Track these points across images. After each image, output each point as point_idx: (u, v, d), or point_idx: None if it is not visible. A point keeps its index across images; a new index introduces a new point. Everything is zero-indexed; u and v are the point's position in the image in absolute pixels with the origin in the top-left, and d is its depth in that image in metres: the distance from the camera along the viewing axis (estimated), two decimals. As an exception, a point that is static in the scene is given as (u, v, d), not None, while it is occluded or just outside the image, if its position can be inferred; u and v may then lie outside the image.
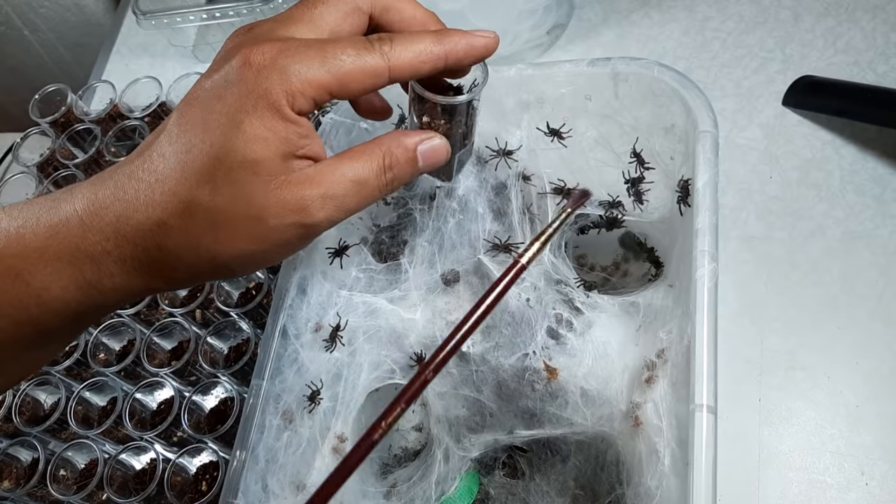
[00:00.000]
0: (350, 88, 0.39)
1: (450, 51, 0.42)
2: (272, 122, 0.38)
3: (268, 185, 0.38)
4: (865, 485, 0.59)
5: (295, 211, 0.39)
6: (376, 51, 0.39)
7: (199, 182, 0.38)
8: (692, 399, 0.44)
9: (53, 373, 0.74)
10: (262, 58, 0.38)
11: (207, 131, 0.38)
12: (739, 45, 0.82)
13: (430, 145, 0.44)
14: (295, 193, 0.39)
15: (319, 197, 0.39)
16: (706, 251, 0.48)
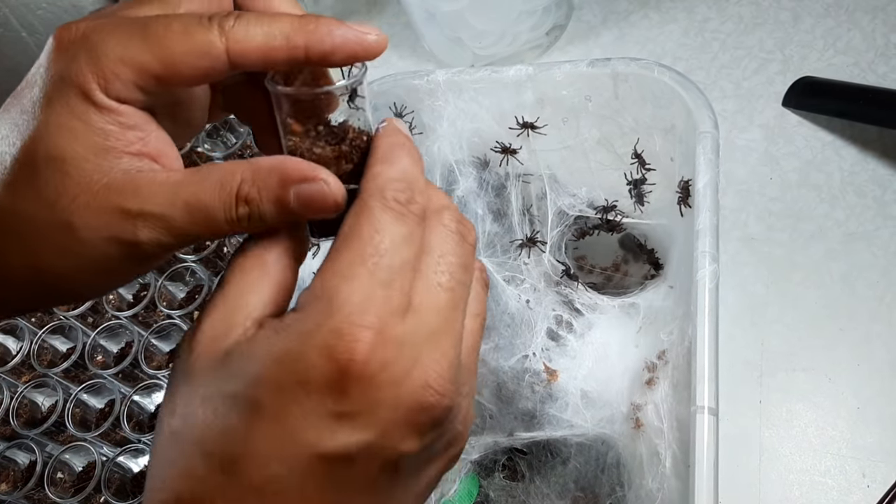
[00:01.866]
0: (180, 72, 0.31)
1: (312, 41, 0.33)
2: (81, 109, 0.31)
3: (78, 186, 0.31)
4: (867, 487, 0.58)
5: (109, 223, 0.31)
6: (213, 27, 0.32)
7: (3, 185, 0.32)
8: (693, 401, 0.44)
9: (51, 375, 0.73)
10: (72, 35, 0.32)
11: (14, 126, 0.33)
12: (739, 46, 0.82)
13: (315, 189, 0.32)
14: (111, 200, 0.31)
15: (140, 212, 0.31)
16: (707, 252, 0.48)
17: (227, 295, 0.32)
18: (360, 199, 0.31)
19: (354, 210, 0.31)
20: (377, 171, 0.32)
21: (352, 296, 0.29)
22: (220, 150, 0.83)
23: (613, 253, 0.70)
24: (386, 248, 0.30)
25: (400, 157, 0.33)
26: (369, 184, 0.31)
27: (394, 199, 0.31)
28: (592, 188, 0.62)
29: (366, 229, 0.30)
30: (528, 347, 0.56)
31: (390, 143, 0.33)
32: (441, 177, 0.62)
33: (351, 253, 0.30)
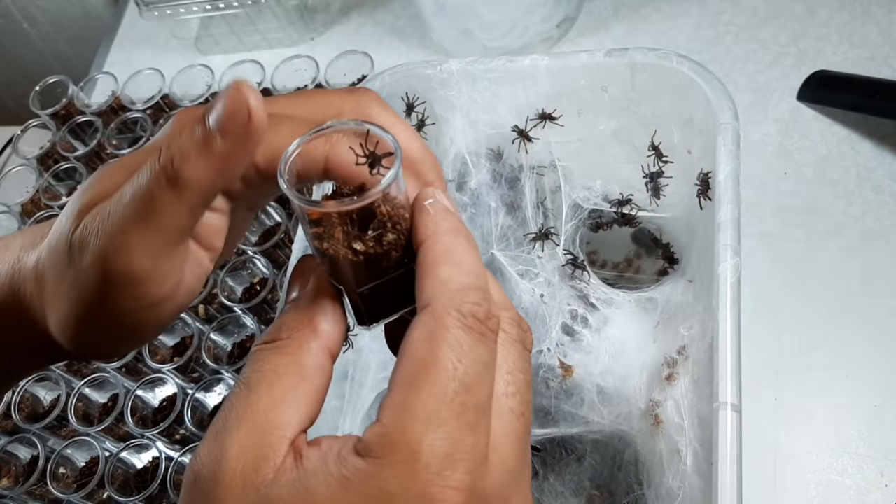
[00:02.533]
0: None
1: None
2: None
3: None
4: (885, 486, 0.57)
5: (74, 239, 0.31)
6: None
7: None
8: (716, 397, 0.43)
9: (53, 369, 0.72)
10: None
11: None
12: (753, 39, 0.81)
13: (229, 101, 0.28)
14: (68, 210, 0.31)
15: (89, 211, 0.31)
16: (729, 245, 0.47)
17: (256, 406, 0.27)
18: (433, 312, 0.27)
19: (427, 327, 0.27)
20: (446, 276, 0.28)
21: (438, 448, 0.25)
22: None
23: (626, 248, 0.69)
24: (470, 383, 0.26)
25: (465, 252, 0.29)
26: (440, 293, 0.28)
27: (472, 316, 0.27)
28: (607, 181, 0.61)
29: (447, 357, 0.26)
30: (543, 342, 0.55)
31: (448, 231, 0.30)
32: (454, 169, 0.61)
33: (433, 388, 0.26)
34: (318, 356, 0.29)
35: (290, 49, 0.97)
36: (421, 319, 0.27)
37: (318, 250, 0.30)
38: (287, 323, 0.30)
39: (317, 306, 0.30)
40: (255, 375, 0.28)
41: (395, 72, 0.61)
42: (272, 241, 0.73)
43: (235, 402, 0.28)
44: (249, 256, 0.73)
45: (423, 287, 0.28)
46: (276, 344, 0.29)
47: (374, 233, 0.30)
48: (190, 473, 0.27)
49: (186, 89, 0.91)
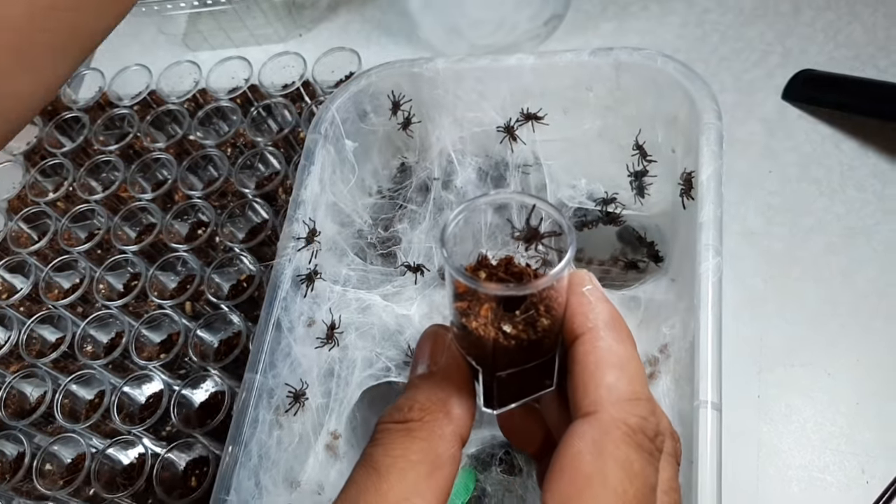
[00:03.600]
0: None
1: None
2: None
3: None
4: (866, 483, 0.58)
5: None
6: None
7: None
8: (696, 395, 0.43)
9: (39, 365, 0.72)
10: None
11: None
12: (739, 38, 0.82)
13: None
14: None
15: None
16: (710, 245, 0.47)
17: (386, 496, 0.26)
18: (600, 423, 0.25)
19: (593, 439, 0.25)
20: (612, 382, 0.26)
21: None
22: (212, 139, 0.82)
23: (611, 246, 0.69)
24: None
25: (631, 356, 0.27)
26: (607, 401, 0.26)
27: (642, 433, 0.25)
28: (592, 180, 0.62)
29: (616, 477, 0.24)
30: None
31: (610, 326, 0.28)
32: (440, 167, 0.61)
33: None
34: (450, 444, 0.27)
35: (278, 45, 0.97)
36: (585, 429, 0.26)
37: (464, 327, 0.27)
38: (420, 402, 0.28)
39: (451, 386, 0.29)
40: (386, 460, 0.26)
41: (381, 70, 0.61)
42: (259, 238, 0.73)
43: (364, 486, 0.26)
44: (236, 253, 0.73)
45: (585, 390, 0.27)
46: (408, 425, 0.27)
47: (524, 315, 0.27)
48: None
49: (174, 85, 0.90)
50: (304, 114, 0.81)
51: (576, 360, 0.28)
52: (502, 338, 0.27)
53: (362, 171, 0.65)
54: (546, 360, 0.29)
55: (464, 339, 0.28)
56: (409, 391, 0.29)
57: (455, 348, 0.29)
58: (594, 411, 0.26)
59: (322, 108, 0.61)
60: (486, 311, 0.26)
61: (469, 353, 0.29)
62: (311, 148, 0.60)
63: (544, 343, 0.28)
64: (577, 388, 0.27)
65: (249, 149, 0.80)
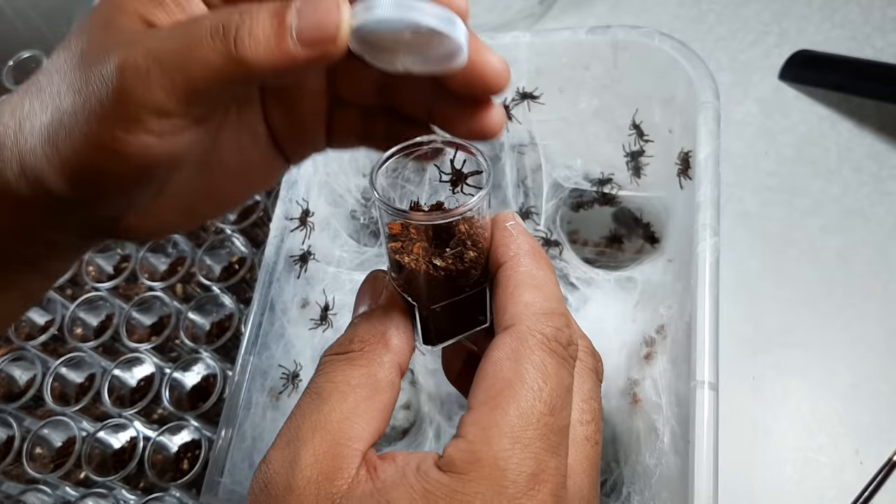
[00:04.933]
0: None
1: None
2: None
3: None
4: (860, 463, 0.58)
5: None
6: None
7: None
8: (693, 376, 0.43)
9: (28, 348, 0.71)
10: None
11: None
12: (735, 18, 0.81)
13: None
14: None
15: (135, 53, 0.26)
16: (708, 225, 0.47)
17: (329, 416, 0.27)
18: (517, 333, 0.27)
19: (512, 347, 0.27)
20: (529, 299, 0.28)
21: (525, 466, 0.25)
22: None
23: (607, 227, 0.69)
24: (555, 405, 0.26)
25: (547, 278, 0.29)
26: (524, 315, 0.28)
27: (555, 340, 0.27)
28: (588, 160, 0.61)
29: (532, 377, 0.26)
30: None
31: (530, 254, 0.30)
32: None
33: (519, 407, 0.26)
34: (389, 371, 0.29)
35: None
36: (504, 340, 0.27)
37: (397, 264, 0.30)
38: (359, 335, 0.30)
39: (389, 320, 0.30)
40: (327, 385, 0.28)
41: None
42: (251, 219, 0.72)
43: (308, 410, 0.28)
44: (228, 235, 0.72)
45: (504, 308, 0.28)
46: (348, 356, 0.29)
47: (453, 251, 0.29)
48: (260, 481, 0.27)
49: (163, 65, 0.89)
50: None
51: (498, 284, 0.30)
52: (433, 270, 0.29)
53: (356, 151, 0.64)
54: (476, 293, 0.31)
55: (399, 277, 0.31)
56: (349, 328, 0.31)
57: (392, 288, 0.31)
58: (512, 325, 0.28)
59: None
60: (417, 249, 0.29)
61: (405, 290, 0.31)
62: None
63: (471, 274, 0.30)
64: (499, 308, 0.29)
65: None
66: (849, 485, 0.57)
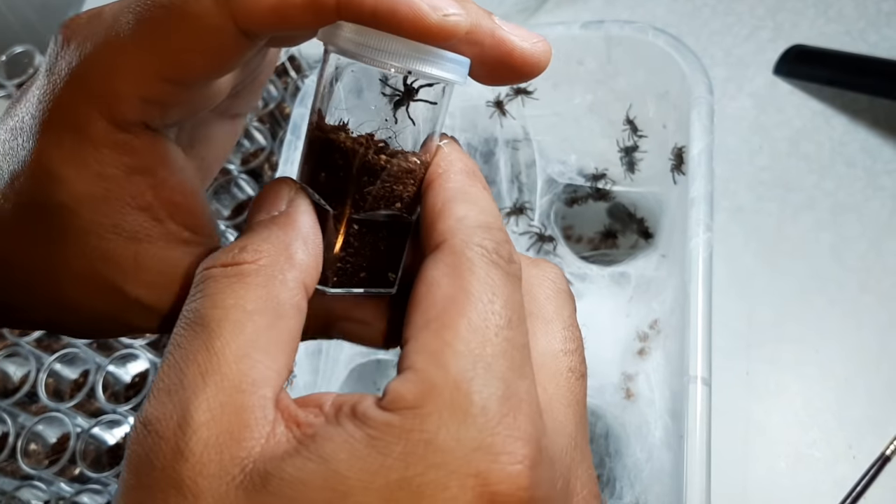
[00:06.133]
0: (190, 65, 0.23)
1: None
2: (74, 146, 0.24)
3: (72, 249, 0.26)
4: (853, 458, 0.58)
5: (105, 302, 0.26)
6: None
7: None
8: (686, 371, 0.43)
9: (23, 344, 0.71)
10: (71, 32, 0.25)
11: (8, 150, 0.26)
12: (730, 12, 0.81)
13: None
14: (107, 277, 0.26)
15: (138, 300, 0.26)
16: (701, 220, 0.47)
17: (223, 354, 0.21)
18: (452, 248, 0.23)
19: (448, 263, 0.22)
20: (463, 213, 0.24)
21: (493, 388, 0.20)
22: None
23: (601, 223, 0.69)
24: (511, 318, 0.22)
25: (482, 194, 0.25)
26: (457, 229, 0.23)
27: (496, 254, 0.23)
28: (582, 155, 0.61)
29: (480, 290, 0.22)
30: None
31: (463, 171, 0.26)
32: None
33: (471, 323, 0.21)
34: (294, 291, 0.23)
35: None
36: (437, 257, 0.23)
37: (329, 144, 0.25)
38: (254, 243, 0.23)
39: (294, 230, 0.24)
40: (214, 312, 0.21)
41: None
42: (244, 214, 0.72)
43: (190, 347, 0.21)
44: (222, 230, 0.72)
45: (433, 225, 0.24)
46: (240, 270, 0.22)
47: (393, 153, 0.26)
48: (138, 448, 0.20)
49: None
50: (289, 88, 0.80)
51: (426, 204, 0.25)
52: (374, 156, 0.25)
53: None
54: (402, 226, 0.27)
55: (322, 167, 0.26)
56: (241, 235, 0.24)
57: (301, 193, 0.26)
58: (444, 240, 0.23)
59: (309, 83, 0.60)
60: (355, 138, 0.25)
61: (325, 186, 0.26)
62: (297, 122, 0.59)
63: (408, 185, 0.26)
64: (426, 229, 0.24)
65: (235, 124, 0.79)
66: (842, 479, 0.57)
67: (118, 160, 0.24)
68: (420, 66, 0.24)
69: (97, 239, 0.24)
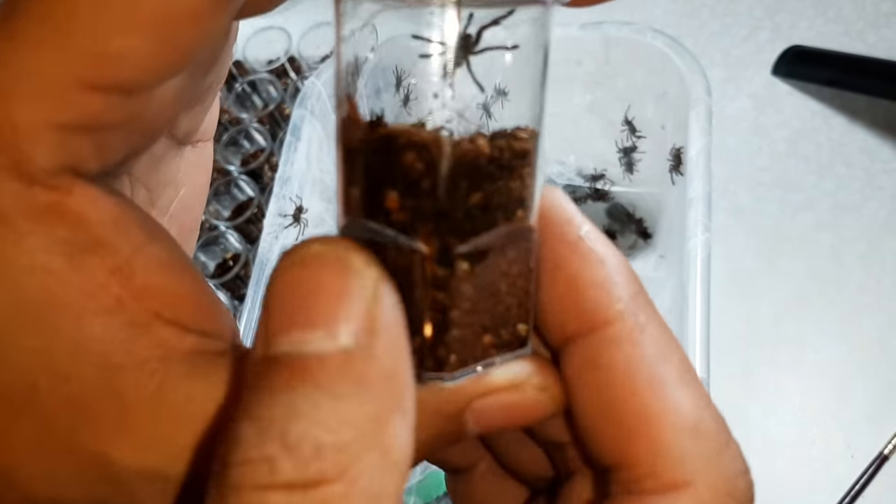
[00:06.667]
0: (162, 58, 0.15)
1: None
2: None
3: (22, 410, 0.16)
4: (851, 457, 0.58)
5: (82, 480, 0.16)
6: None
7: None
8: (685, 371, 0.43)
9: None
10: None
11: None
12: (728, 12, 0.81)
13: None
14: (79, 444, 0.16)
15: (141, 470, 0.16)
16: (699, 221, 0.47)
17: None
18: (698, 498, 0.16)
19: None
20: (692, 424, 0.17)
21: None
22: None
23: (600, 223, 0.69)
24: None
25: (682, 355, 0.18)
26: (697, 465, 0.17)
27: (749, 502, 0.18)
28: (581, 156, 0.61)
29: None
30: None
31: (643, 306, 0.18)
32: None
33: None
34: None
35: (263, 19, 0.95)
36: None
37: (388, 142, 0.16)
38: (332, 441, 0.13)
39: (397, 390, 0.15)
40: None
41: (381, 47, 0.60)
42: (245, 215, 0.72)
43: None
44: (222, 231, 0.72)
45: (655, 447, 0.16)
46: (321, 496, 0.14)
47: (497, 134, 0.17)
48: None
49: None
50: (289, 90, 0.80)
51: (611, 376, 0.17)
52: (467, 144, 0.16)
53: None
54: (524, 241, 0.17)
55: (388, 173, 0.16)
56: (283, 411, 0.14)
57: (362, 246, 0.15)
58: (685, 482, 0.16)
59: (309, 84, 0.60)
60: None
61: (398, 209, 0.16)
62: (297, 124, 0.59)
63: (524, 175, 0.17)
64: (631, 436, 0.16)
65: (234, 125, 0.79)
66: (840, 478, 0.57)
67: (50, 238, 0.15)
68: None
69: (51, 381, 0.15)
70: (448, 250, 0.16)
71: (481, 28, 0.16)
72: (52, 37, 0.14)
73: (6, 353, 0.15)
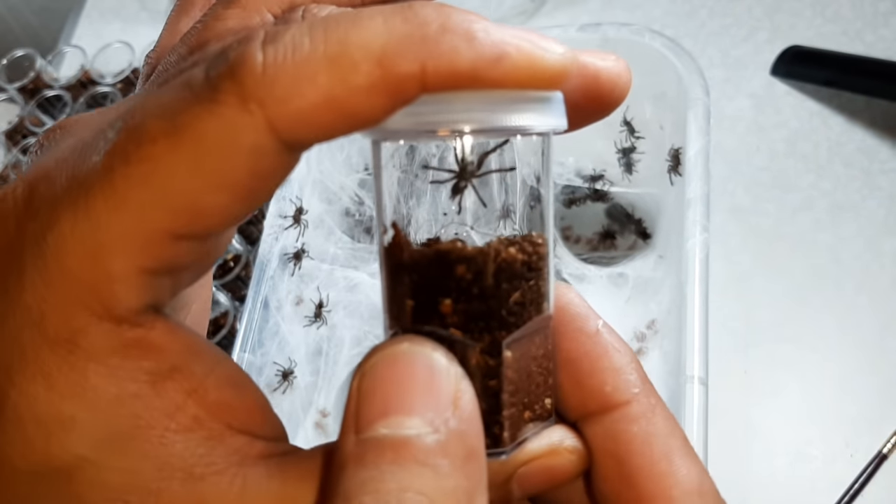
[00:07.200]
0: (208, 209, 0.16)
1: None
2: (64, 368, 0.16)
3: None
4: (850, 456, 0.58)
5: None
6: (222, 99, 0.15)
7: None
8: (683, 371, 0.43)
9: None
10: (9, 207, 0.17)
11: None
12: (727, 13, 0.81)
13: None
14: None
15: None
16: (698, 221, 0.47)
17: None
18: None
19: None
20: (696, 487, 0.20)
21: None
22: None
23: (599, 224, 0.69)
24: None
25: (681, 433, 0.22)
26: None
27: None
28: (580, 157, 0.61)
29: None
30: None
31: (650, 392, 0.22)
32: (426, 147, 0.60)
33: None
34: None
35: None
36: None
37: (439, 259, 0.19)
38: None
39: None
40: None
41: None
42: (245, 217, 0.72)
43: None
44: (223, 233, 0.72)
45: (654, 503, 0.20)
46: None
47: (522, 240, 0.20)
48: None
49: (157, 63, 0.89)
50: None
51: (631, 448, 0.20)
52: (506, 252, 0.19)
53: (350, 148, 0.64)
54: (546, 328, 0.21)
55: (440, 284, 0.19)
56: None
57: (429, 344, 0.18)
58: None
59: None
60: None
61: (452, 313, 0.19)
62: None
63: (544, 272, 0.20)
64: (650, 499, 0.20)
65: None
66: (839, 477, 0.58)
67: (137, 370, 0.17)
68: (530, 117, 0.18)
69: (141, 497, 0.16)
70: (496, 343, 0.19)
71: (482, 155, 0.20)
72: (151, 199, 0.16)
73: (100, 475, 0.16)
